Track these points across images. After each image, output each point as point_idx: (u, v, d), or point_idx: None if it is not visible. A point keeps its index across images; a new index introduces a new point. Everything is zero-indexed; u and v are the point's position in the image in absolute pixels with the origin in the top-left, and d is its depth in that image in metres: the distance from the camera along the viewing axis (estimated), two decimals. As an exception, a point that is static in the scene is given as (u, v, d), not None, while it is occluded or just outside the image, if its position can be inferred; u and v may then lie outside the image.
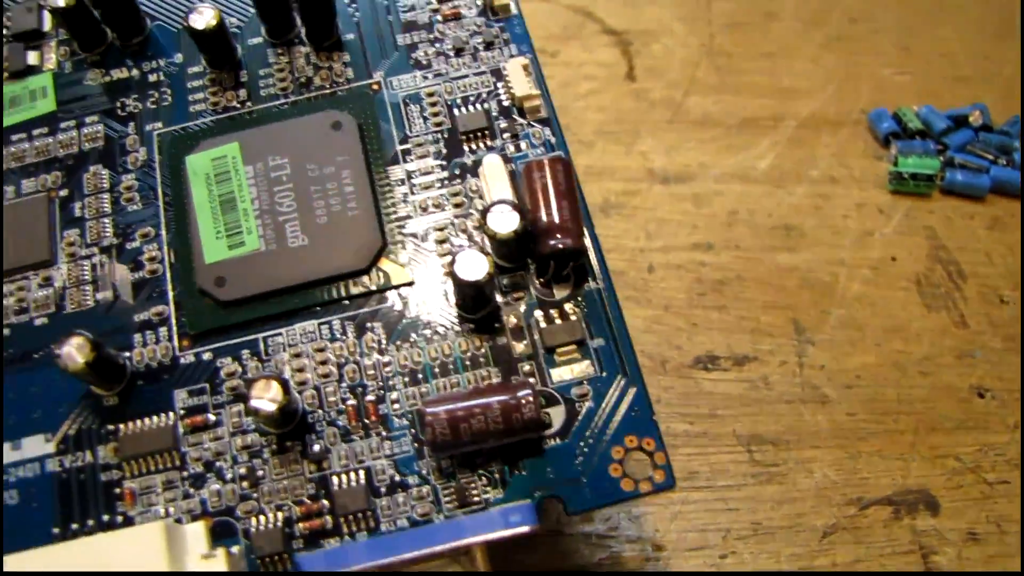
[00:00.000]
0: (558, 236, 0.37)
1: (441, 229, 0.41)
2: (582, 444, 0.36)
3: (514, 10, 0.45)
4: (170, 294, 0.40)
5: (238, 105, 0.44)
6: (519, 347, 0.38)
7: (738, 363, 0.48)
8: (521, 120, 0.42)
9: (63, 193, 0.43)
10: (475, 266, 0.36)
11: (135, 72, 0.45)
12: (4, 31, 0.48)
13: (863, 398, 0.47)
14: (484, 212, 0.37)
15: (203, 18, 0.43)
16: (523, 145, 0.42)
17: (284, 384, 0.36)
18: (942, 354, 0.48)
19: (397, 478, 0.37)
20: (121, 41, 0.46)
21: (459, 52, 0.44)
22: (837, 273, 0.50)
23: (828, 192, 0.54)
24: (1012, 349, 0.49)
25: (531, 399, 0.35)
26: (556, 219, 0.37)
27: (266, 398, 0.35)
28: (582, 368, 0.37)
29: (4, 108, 0.46)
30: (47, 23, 0.48)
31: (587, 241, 0.39)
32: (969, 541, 0.45)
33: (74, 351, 0.36)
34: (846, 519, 0.45)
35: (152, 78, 0.45)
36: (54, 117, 0.45)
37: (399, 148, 0.42)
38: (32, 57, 0.47)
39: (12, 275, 0.42)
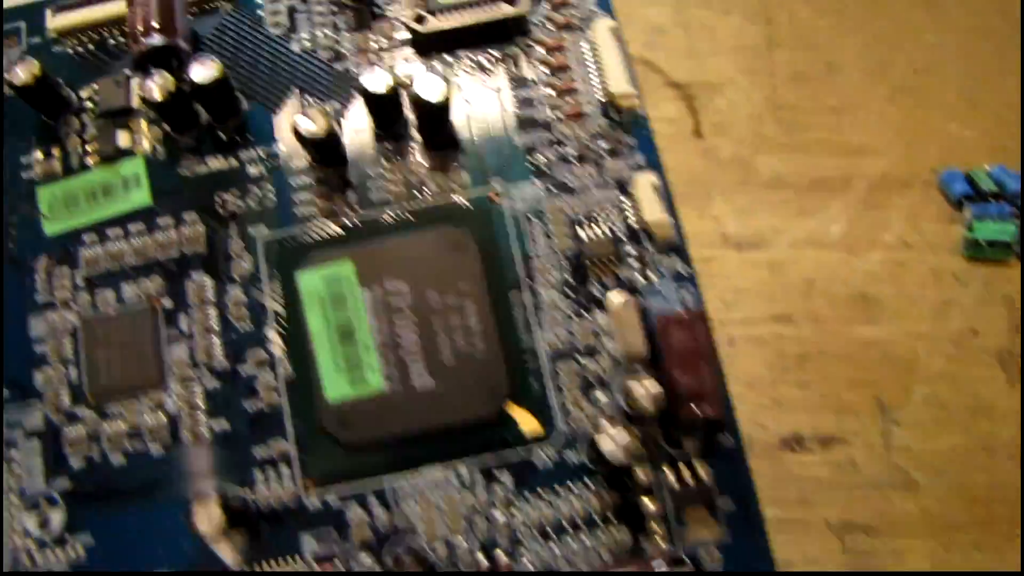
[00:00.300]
0: (699, 405, 0.37)
1: (573, 372, 0.40)
2: None
3: (640, 110, 0.43)
4: (289, 428, 0.39)
5: (347, 210, 0.42)
6: (649, 506, 0.38)
7: (824, 444, 0.48)
8: (650, 246, 0.41)
9: (167, 303, 0.42)
10: (618, 442, 0.36)
11: (233, 162, 0.44)
12: (92, 106, 0.45)
13: (953, 484, 0.47)
14: (626, 386, 0.37)
15: (314, 124, 0.40)
16: (652, 276, 0.41)
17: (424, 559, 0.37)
18: None
19: None
20: (216, 123, 0.44)
21: (582, 159, 0.42)
22: (917, 348, 0.50)
23: (903, 259, 0.54)
24: (1104, 429, 0.49)
25: (663, 567, 0.35)
26: (698, 386, 0.37)
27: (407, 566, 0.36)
28: (712, 530, 0.37)
29: (97, 197, 0.44)
30: (136, 98, 0.45)
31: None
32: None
33: (208, 520, 0.37)
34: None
35: (252, 171, 0.44)
36: (151, 212, 0.43)
37: (522, 272, 0.41)
38: (122, 137, 0.45)
39: (122, 396, 0.40)
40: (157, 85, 0.42)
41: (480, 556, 0.37)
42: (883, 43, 0.60)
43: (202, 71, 0.41)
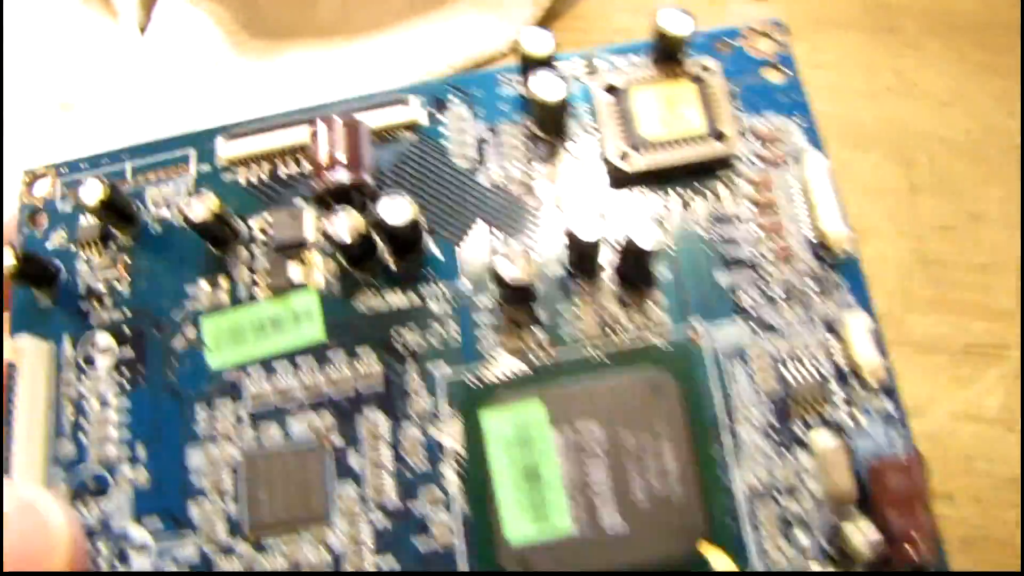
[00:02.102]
0: (914, 547, 0.36)
1: (773, 514, 0.38)
2: None
3: (852, 250, 0.41)
4: (463, 568, 0.38)
5: (536, 349, 0.40)
6: None
7: None
8: (858, 387, 0.39)
9: (337, 441, 0.40)
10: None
11: (414, 298, 0.42)
12: (263, 237, 0.44)
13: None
14: (841, 530, 0.36)
15: (517, 270, 0.38)
16: (861, 419, 0.39)
17: None
18: None
19: None
20: (396, 257, 0.43)
21: (789, 298, 0.41)
22: None
23: None
24: None
25: None
26: (916, 527, 0.36)
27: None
28: None
29: (265, 330, 0.42)
30: (311, 231, 0.44)
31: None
32: None
33: None
34: None
35: (434, 308, 0.42)
36: (323, 348, 0.41)
37: (722, 413, 0.39)
38: (295, 271, 0.43)
39: (283, 531, 0.39)
40: (347, 226, 0.40)
41: None
42: None
43: (395, 212, 0.39)
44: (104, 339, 0.44)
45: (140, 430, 0.42)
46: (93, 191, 0.43)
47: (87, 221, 0.46)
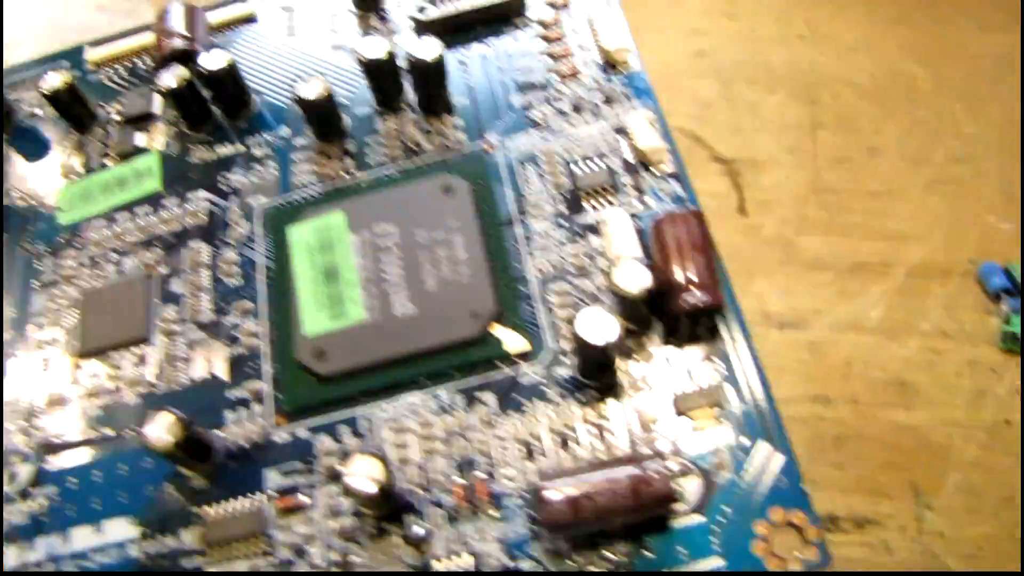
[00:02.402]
0: (696, 293, 0.35)
1: (562, 294, 0.39)
2: (720, 520, 0.34)
3: (635, 65, 0.44)
4: (267, 370, 0.39)
5: (344, 175, 0.43)
6: (647, 413, 0.36)
7: (858, 525, 0.47)
8: (647, 175, 0.41)
9: (163, 270, 0.42)
10: (603, 328, 0.34)
11: (240, 147, 0.46)
12: (116, 116, 0.49)
13: (984, 571, 0.46)
14: (613, 269, 0.34)
15: (312, 88, 0.42)
16: (651, 201, 0.40)
17: (384, 461, 0.33)
18: None
19: (509, 564, 0.34)
20: (228, 119, 0.46)
21: (578, 109, 0.43)
22: (952, 435, 0.49)
23: (940, 347, 0.52)
24: None
25: (662, 471, 0.32)
26: (692, 275, 0.36)
27: (365, 476, 0.33)
28: (720, 433, 0.35)
29: (111, 189, 0.46)
30: (157, 106, 0.48)
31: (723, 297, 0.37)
32: None
33: (163, 430, 0.35)
34: None
35: (257, 152, 0.45)
36: (159, 196, 0.45)
37: (515, 210, 0.41)
38: (141, 139, 0.48)
39: (106, 353, 0.41)
40: (173, 75, 0.44)
41: (457, 477, 0.36)
42: (923, 130, 0.60)
43: (212, 60, 0.44)
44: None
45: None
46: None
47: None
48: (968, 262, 0.57)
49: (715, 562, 0.33)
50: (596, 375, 0.36)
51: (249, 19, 0.52)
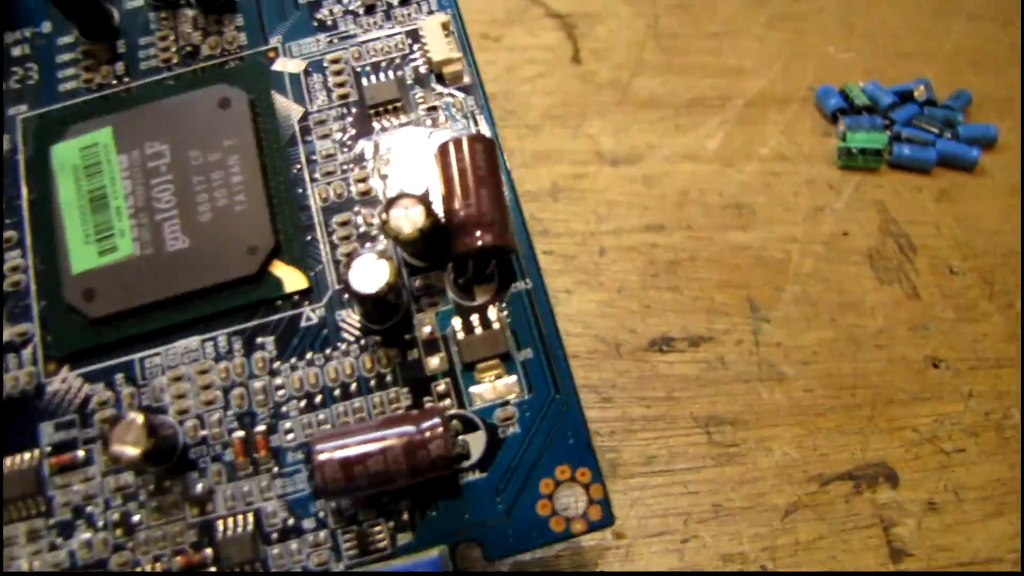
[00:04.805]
0: (477, 232, 0.31)
1: (345, 223, 0.34)
2: (506, 477, 0.31)
3: None
4: (35, 310, 0.34)
5: (114, 82, 0.37)
6: (433, 363, 0.32)
7: (693, 344, 0.44)
8: (441, 88, 0.36)
9: None
10: (373, 274, 0.30)
11: None
12: None
13: (820, 374, 0.43)
14: (385, 208, 0.30)
15: None
16: (442, 118, 0.36)
17: (151, 425, 0.30)
18: (896, 327, 0.45)
19: (291, 522, 0.31)
20: None
21: (370, 9, 0.38)
22: (790, 250, 0.47)
23: (778, 170, 0.50)
24: (963, 319, 0.46)
25: (439, 432, 0.29)
26: (475, 211, 0.31)
27: (128, 442, 0.29)
28: (507, 386, 0.32)
29: None
30: None
31: (513, 238, 0.33)
32: (928, 511, 0.41)
33: None
34: (807, 496, 0.41)
35: (16, 52, 0.38)
36: None
37: (297, 127, 0.36)
38: None
39: None
40: None
41: (237, 431, 0.32)
42: None
43: None
44: None
45: None
46: None
47: None
48: (807, 89, 0.53)
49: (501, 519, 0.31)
50: (379, 320, 0.33)
51: None
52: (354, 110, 0.36)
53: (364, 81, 0.37)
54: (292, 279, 0.34)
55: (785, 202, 0.49)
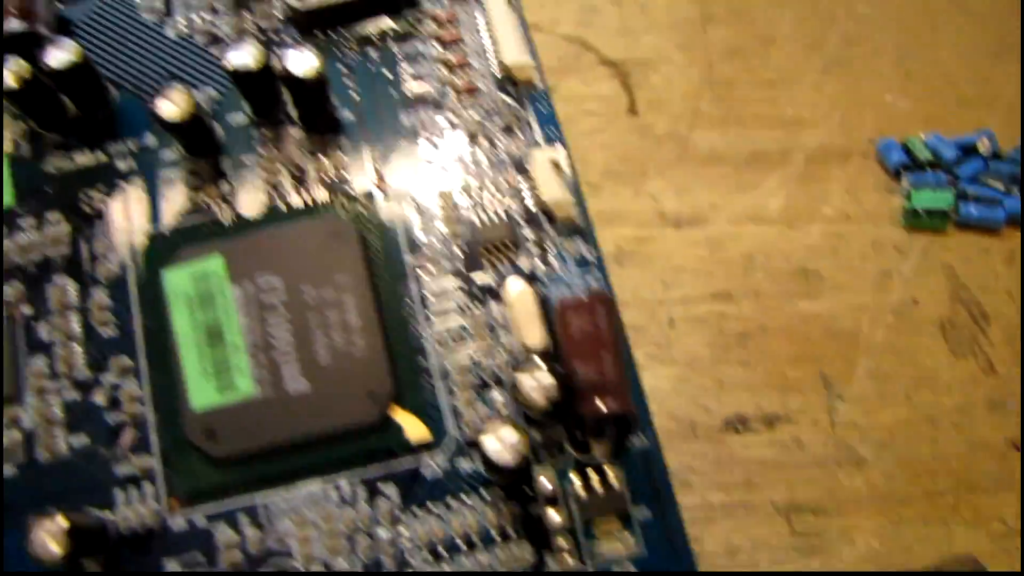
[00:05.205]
0: (603, 399, 0.31)
1: (463, 369, 0.34)
2: None
3: (539, 84, 0.38)
4: (155, 442, 0.34)
5: (221, 203, 0.37)
6: (554, 518, 0.32)
7: (769, 424, 0.43)
8: (551, 229, 0.36)
9: (26, 310, 0.36)
10: (506, 446, 0.30)
11: (102, 157, 0.38)
12: None
13: (899, 457, 0.42)
14: (513, 370, 0.31)
15: (173, 107, 0.35)
16: (553, 260, 0.36)
17: None
18: (973, 405, 0.44)
19: None
20: (84, 115, 0.38)
21: (475, 138, 0.37)
22: (860, 320, 0.45)
23: (843, 231, 0.48)
24: (1043, 396, 0.43)
25: None
26: (600, 376, 0.31)
27: None
28: (625, 543, 0.32)
29: None
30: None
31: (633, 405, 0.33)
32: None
33: (48, 540, 0.30)
34: (895, 592, 0.39)
35: (121, 166, 0.38)
36: (12, 214, 0.37)
37: (408, 262, 0.35)
38: None
39: None
40: (10, 72, 0.35)
41: None
42: (817, 16, 0.55)
43: (59, 55, 0.36)
44: None
45: None
46: None
47: None
48: (867, 142, 0.52)
49: None
50: (507, 488, 0.33)
51: None
52: (465, 247, 0.36)
53: (473, 217, 0.36)
54: (413, 427, 0.34)
55: (852, 267, 0.48)
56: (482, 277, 0.36)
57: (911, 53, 0.56)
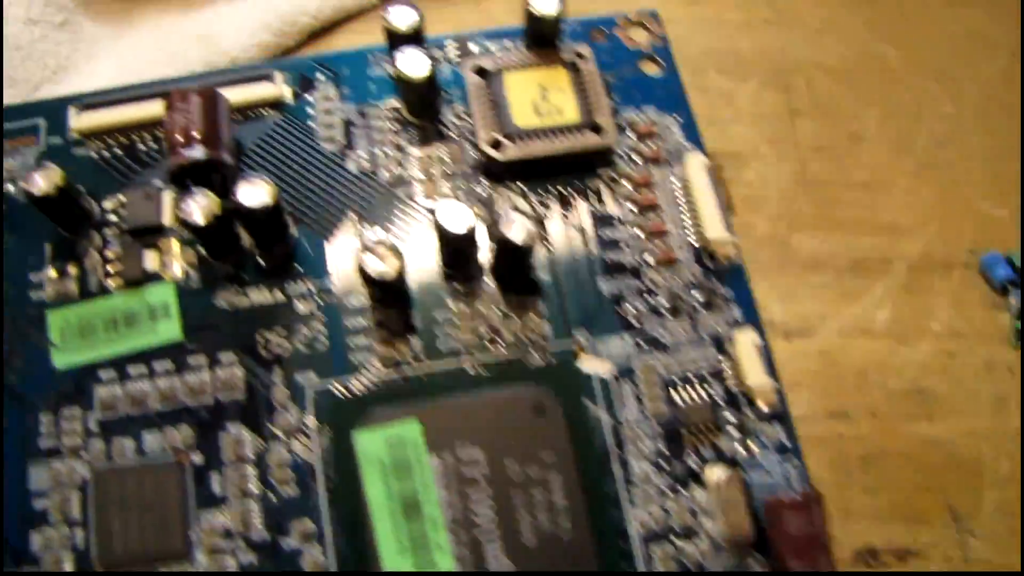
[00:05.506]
0: None
1: (668, 557, 0.33)
2: None
3: (736, 258, 0.38)
4: None
5: (411, 361, 0.34)
6: None
7: (900, 558, 0.42)
8: (750, 413, 0.35)
9: (196, 459, 0.33)
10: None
11: (280, 296, 0.36)
12: (117, 220, 0.38)
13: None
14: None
15: (384, 265, 0.33)
16: (754, 446, 0.35)
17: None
18: None
19: None
20: (260, 250, 0.36)
21: (676, 311, 0.36)
22: (981, 448, 0.44)
23: (953, 349, 0.47)
24: None
25: None
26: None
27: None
28: None
29: (118, 326, 0.35)
30: (167, 215, 0.37)
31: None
32: None
33: None
34: None
35: (302, 308, 0.35)
36: (181, 349, 0.35)
37: (611, 440, 0.34)
38: (151, 259, 0.36)
39: (138, 567, 0.32)
40: (200, 207, 0.33)
41: None
42: (902, 113, 0.55)
43: (253, 194, 0.33)
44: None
45: (-30, 437, 0.34)
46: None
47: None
48: (968, 252, 0.51)
49: None
50: None
51: (277, 104, 0.41)
52: (666, 427, 0.35)
53: (674, 395, 0.35)
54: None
55: (966, 388, 0.47)
56: (684, 459, 0.35)
57: (1000, 154, 0.55)
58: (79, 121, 0.39)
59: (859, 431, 0.45)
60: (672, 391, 0.36)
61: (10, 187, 0.38)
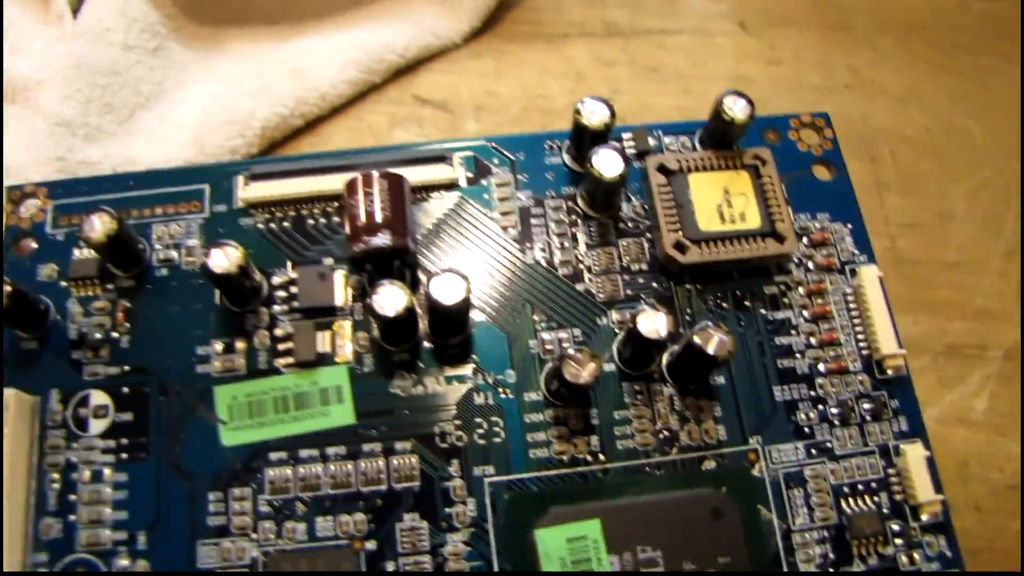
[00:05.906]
0: None
1: None
2: None
3: (903, 369, 0.37)
4: None
5: (589, 458, 0.34)
6: None
7: None
8: (914, 523, 0.35)
9: (370, 546, 0.33)
10: None
11: (457, 387, 0.35)
12: (284, 295, 0.37)
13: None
14: None
15: (581, 372, 0.32)
16: (917, 557, 0.35)
17: None
18: None
19: None
20: (438, 339, 0.35)
21: (845, 421, 0.36)
22: None
23: None
24: None
25: None
26: None
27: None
28: None
29: (288, 406, 0.35)
30: (340, 296, 0.36)
31: None
32: None
33: None
34: None
35: (478, 399, 0.35)
36: (354, 434, 0.34)
37: (781, 545, 0.34)
38: (322, 340, 0.36)
39: None
40: (392, 301, 0.33)
41: None
42: (988, 192, 0.55)
43: (448, 291, 0.33)
44: (99, 398, 0.35)
45: (140, 514, 0.34)
46: (100, 224, 0.34)
47: (83, 254, 0.37)
48: (1060, 343, 0.51)
49: None
50: None
51: (451, 186, 0.40)
52: (834, 535, 0.35)
53: (843, 505, 0.35)
54: None
55: (1070, 491, 0.47)
56: (850, 566, 0.35)
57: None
58: (247, 191, 0.39)
59: (964, 525, 0.45)
60: (840, 498, 0.36)
61: (173, 254, 0.37)
